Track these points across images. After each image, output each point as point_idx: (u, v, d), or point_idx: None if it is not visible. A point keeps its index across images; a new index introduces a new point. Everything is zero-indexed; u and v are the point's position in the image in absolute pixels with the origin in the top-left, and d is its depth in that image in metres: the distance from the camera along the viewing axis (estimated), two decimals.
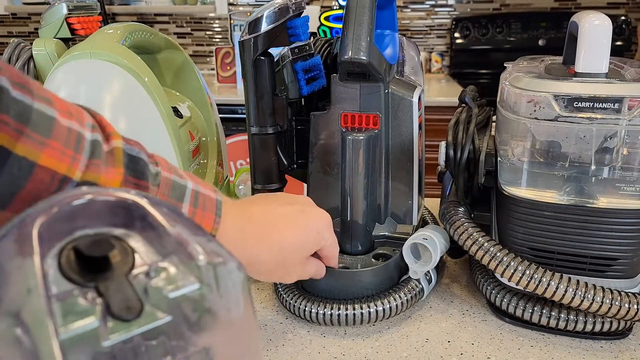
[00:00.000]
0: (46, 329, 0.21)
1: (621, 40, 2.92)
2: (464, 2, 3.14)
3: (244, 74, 0.74)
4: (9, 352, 0.22)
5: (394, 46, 0.78)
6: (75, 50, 0.74)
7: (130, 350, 0.23)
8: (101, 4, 3.06)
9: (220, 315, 0.27)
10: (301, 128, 0.81)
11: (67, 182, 0.40)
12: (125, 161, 0.44)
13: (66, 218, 0.25)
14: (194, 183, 0.51)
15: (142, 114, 0.73)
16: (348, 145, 0.71)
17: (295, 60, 0.77)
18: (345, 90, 0.73)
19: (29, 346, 0.21)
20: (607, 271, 0.64)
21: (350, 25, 0.67)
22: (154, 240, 0.27)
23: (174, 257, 0.26)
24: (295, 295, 0.70)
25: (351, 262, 0.73)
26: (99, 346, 0.22)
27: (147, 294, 0.24)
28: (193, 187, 0.50)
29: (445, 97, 2.52)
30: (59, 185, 0.39)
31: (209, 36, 3.36)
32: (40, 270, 0.23)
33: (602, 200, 0.63)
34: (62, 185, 0.40)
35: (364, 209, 0.73)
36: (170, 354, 0.25)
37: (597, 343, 0.65)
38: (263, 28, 0.71)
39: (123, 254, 0.26)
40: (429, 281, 0.73)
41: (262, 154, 0.77)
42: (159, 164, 0.49)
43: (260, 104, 0.75)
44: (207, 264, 0.26)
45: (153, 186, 0.46)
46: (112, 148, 0.44)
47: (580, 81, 0.61)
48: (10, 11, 3.37)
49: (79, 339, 0.22)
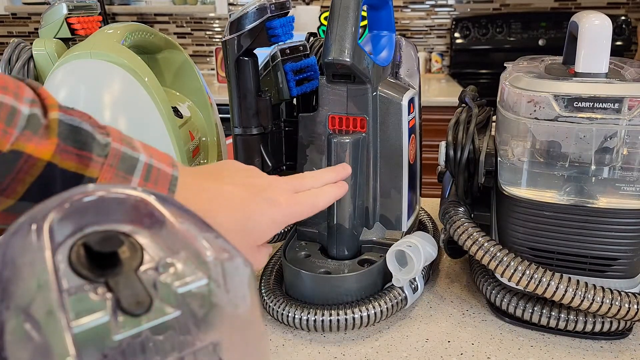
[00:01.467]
0: (58, 323, 0.21)
1: (621, 40, 2.92)
2: (464, 2, 3.14)
3: (227, 74, 0.73)
4: (20, 348, 0.22)
5: (389, 47, 0.78)
6: (75, 50, 0.74)
7: (139, 345, 0.24)
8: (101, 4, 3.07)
9: (228, 310, 0.27)
10: (290, 129, 0.80)
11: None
12: (63, 131, 0.43)
13: (77, 214, 0.26)
14: (147, 156, 0.48)
15: (142, 114, 0.74)
16: (334, 148, 0.70)
17: (285, 61, 0.77)
18: (333, 92, 0.72)
19: (40, 341, 0.22)
20: (607, 271, 0.64)
21: (333, 26, 0.67)
22: (162, 236, 0.28)
23: (182, 253, 0.27)
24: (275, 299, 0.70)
25: (336, 266, 0.71)
26: (110, 340, 0.23)
27: (156, 289, 0.25)
28: (146, 160, 0.48)
29: (445, 97, 2.52)
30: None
31: (209, 36, 3.37)
32: (52, 265, 0.23)
33: (602, 200, 0.63)
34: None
35: (350, 212, 0.72)
36: (178, 349, 0.25)
37: (597, 343, 0.66)
38: (242, 28, 0.70)
39: (132, 250, 0.26)
40: (415, 290, 0.71)
41: (246, 155, 0.76)
42: (110, 134, 0.47)
43: (243, 104, 0.74)
44: (215, 260, 0.27)
45: (99, 157, 0.45)
46: (49, 120, 0.43)
47: (580, 81, 0.61)
48: (10, 11, 3.36)
49: (91, 333, 0.22)
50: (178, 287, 0.25)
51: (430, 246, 0.72)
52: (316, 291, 0.69)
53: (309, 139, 0.76)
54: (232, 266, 0.27)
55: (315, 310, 0.67)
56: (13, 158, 0.41)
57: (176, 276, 0.26)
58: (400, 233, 0.76)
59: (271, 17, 0.71)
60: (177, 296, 0.25)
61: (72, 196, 0.26)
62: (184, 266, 0.26)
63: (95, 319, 0.23)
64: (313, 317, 0.66)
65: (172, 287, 0.25)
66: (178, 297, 0.25)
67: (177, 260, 0.26)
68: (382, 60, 0.74)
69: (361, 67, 0.68)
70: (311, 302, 0.69)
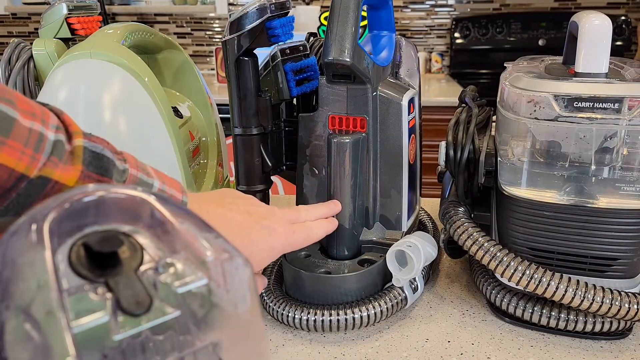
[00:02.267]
0: (58, 323, 0.21)
1: (621, 40, 2.92)
2: (464, 2, 3.14)
3: (227, 74, 0.73)
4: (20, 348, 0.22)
5: (389, 47, 0.78)
6: (75, 50, 0.74)
7: (139, 345, 0.23)
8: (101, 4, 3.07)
9: (228, 310, 0.27)
10: (290, 129, 0.80)
11: (24, 180, 0.41)
12: (87, 158, 0.45)
13: (77, 214, 0.26)
14: (160, 182, 0.51)
15: (142, 114, 0.74)
16: (334, 148, 0.70)
17: (285, 61, 0.77)
18: (333, 92, 0.72)
19: (40, 341, 0.22)
20: (607, 271, 0.64)
21: (333, 26, 0.67)
22: (162, 236, 0.28)
23: (182, 253, 0.27)
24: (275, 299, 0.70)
25: (336, 267, 0.71)
26: (110, 340, 0.23)
27: (156, 289, 0.25)
28: (159, 186, 0.51)
29: (445, 97, 2.52)
30: (15, 182, 0.41)
31: (209, 36, 3.37)
32: (52, 265, 0.23)
33: (602, 200, 0.63)
34: (18, 183, 0.41)
35: (350, 212, 0.72)
36: (178, 349, 0.25)
37: (597, 343, 0.66)
38: (242, 28, 0.70)
39: (132, 250, 0.26)
40: (415, 290, 0.71)
41: (246, 155, 0.76)
42: (127, 161, 0.49)
43: (243, 104, 0.74)
44: (215, 260, 0.27)
45: (118, 182, 0.47)
46: (74, 147, 0.45)
47: (580, 81, 0.61)
48: (10, 11, 3.36)
49: (91, 333, 0.22)
50: (178, 287, 0.25)
51: (430, 246, 0.72)
52: (316, 291, 0.69)
53: (309, 139, 0.75)
54: (232, 266, 0.27)
55: (315, 310, 0.67)
56: (41, 184, 0.42)
57: (176, 276, 0.26)
58: (400, 233, 0.76)
59: (271, 17, 0.71)
60: (177, 296, 0.25)
61: (72, 196, 0.26)
62: (184, 266, 0.26)
63: (95, 319, 0.23)
64: (313, 317, 0.66)
65: (172, 287, 0.25)
66: (178, 297, 0.25)
67: (177, 260, 0.26)
68: (382, 60, 0.74)
69: (361, 67, 0.68)
70: (311, 302, 0.69)
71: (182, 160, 0.77)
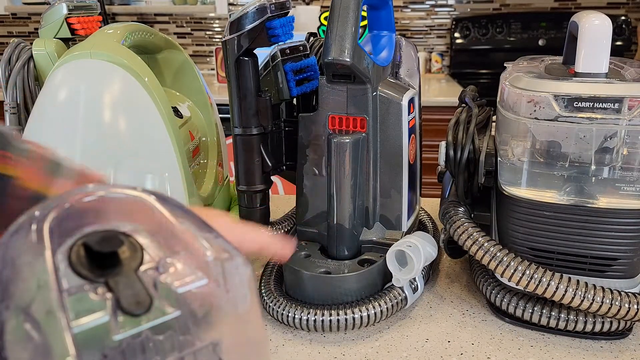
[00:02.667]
0: (58, 323, 0.21)
1: (621, 40, 2.92)
2: (464, 2, 3.14)
3: (227, 74, 0.73)
4: (20, 348, 0.22)
5: (389, 47, 0.78)
6: (75, 50, 0.74)
7: (139, 345, 0.23)
8: (101, 4, 3.07)
9: (228, 310, 0.27)
10: (290, 129, 0.80)
11: None
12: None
13: (77, 214, 0.26)
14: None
15: (142, 114, 0.74)
16: (333, 148, 0.70)
17: (285, 61, 0.77)
18: (333, 92, 0.72)
19: (40, 341, 0.22)
20: (607, 271, 0.64)
21: (333, 26, 0.67)
22: (162, 236, 0.28)
23: (182, 253, 0.27)
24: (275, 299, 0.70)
25: (336, 266, 0.71)
26: (110, 340, 0.23)
27: (156, 289, 0.25)
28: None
29: (445, 97, 2.52)
30: None
31: (209, 36, 3.37)
32: (52, 265, 0.23)
33: (602, 200, 0.63)
34: None
35: (350, 212, 0.72)
36: (178, 349, 0.25)
37: (597, 343, 0.66)
38: (242, 28, 0.70)
39: (132, 250, 0.26)
40: (415, 290, 0.71)
41: (246, 155, 0.76)
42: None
43: (243, 104, 0.74)
44: (215, 260, 0.27)
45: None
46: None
47: (580, 81, 0.61)
48: (10, 11, 3.36)
49: (91, 333, 0.22)
50: (178, 287, 0.25)
51: (430, 246, 0.72)
52: (316, 291, 0.69)
53: (309, 139, 0.75)
54: (232, 266, 0.27)
55: (315, 310, 0.67)
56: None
57: (176, 276, 0.26)
58: (400, 233, 0.76)
59: (271, 17, 0.71)
60: (177, 296, 0.25)
61: (72, 196, 0.26)
62: (184, 266, 0.26)
63: (95, 319, 0.23)
64: (313, 317, 0.66)
65: (172, 287, 0.25)
66: (178, 297, 0.25)
67: (177, 260, 0.26)
68: (382, 60, 0.74)
69: (361, 67, 0.68)
70: (311, 302, 0.69)
71: (182, 160, 0.77)
